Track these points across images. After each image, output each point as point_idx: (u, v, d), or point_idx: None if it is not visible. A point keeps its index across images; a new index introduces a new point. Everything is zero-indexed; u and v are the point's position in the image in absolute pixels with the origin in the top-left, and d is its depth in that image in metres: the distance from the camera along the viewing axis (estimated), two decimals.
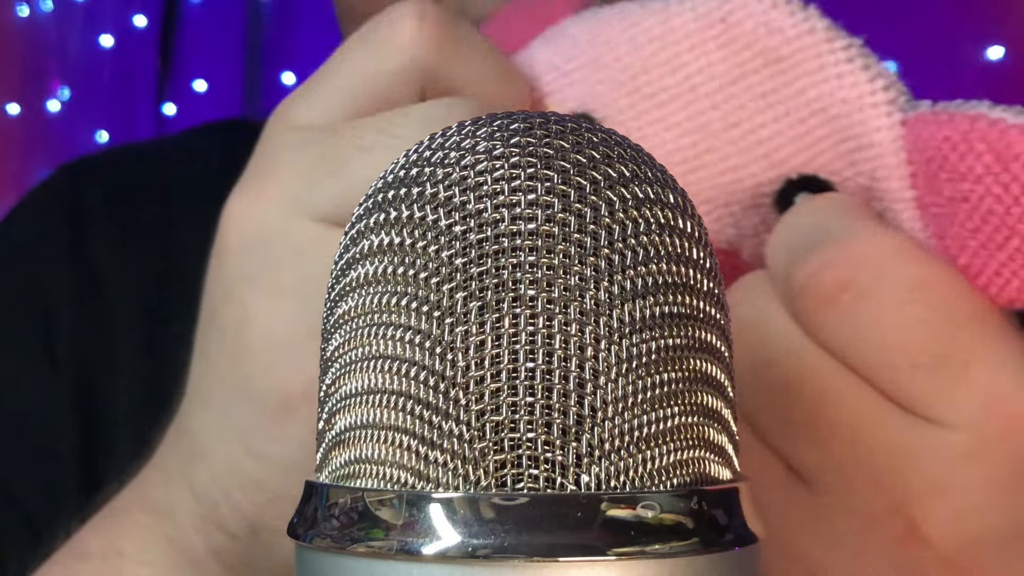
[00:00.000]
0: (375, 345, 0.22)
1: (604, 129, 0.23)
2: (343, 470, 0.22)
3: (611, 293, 0.21)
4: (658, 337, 0.21)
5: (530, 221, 0.21)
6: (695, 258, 0.22)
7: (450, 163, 0.22)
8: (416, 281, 0.21)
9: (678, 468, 0.21)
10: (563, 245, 0.21)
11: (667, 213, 0.22)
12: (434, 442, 0.21)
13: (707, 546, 0.21)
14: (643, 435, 0.21)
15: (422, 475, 0.21)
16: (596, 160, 0.22)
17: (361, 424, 0.22)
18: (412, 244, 0.21)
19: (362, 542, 0.20)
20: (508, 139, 0.22)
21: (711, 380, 0.22)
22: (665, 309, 0.21)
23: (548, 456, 0.20)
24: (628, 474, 0.21)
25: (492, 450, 0.20)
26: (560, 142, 0.22)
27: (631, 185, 0.22)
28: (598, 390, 0.21)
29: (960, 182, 0.30)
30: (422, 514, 0.20)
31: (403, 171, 0.23)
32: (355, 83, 0.35)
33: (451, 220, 0.21)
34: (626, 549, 0.20)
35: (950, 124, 0.30)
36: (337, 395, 0.23)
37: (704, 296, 0.22)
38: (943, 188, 0.31)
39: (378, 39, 0.34)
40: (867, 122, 0.32)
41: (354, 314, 0.22)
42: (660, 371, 0.21)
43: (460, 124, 0.23)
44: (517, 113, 0.23)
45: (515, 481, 0.20)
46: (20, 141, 1.55)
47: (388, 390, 0.21)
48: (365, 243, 0.22)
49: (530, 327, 0.21)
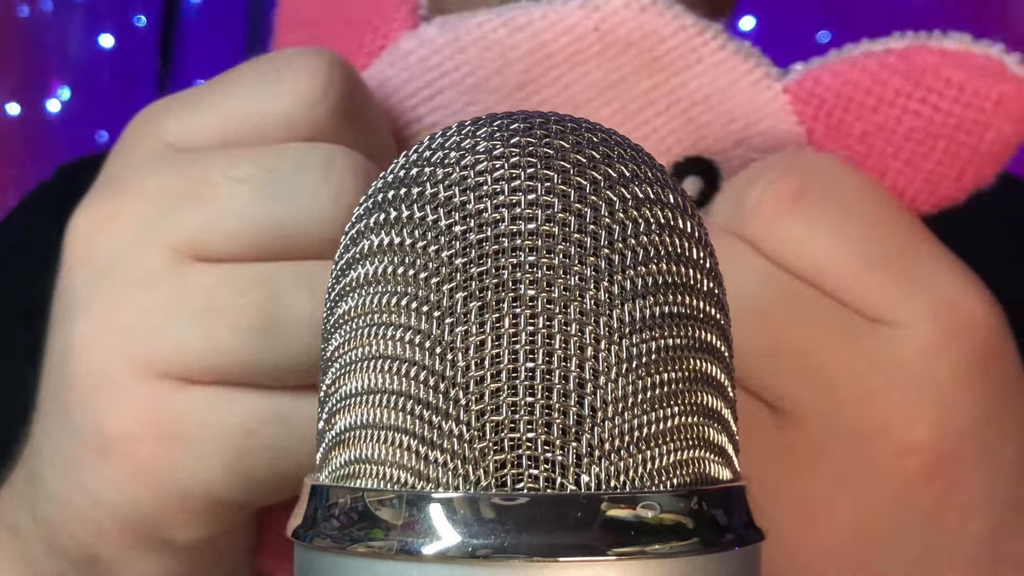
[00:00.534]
0: (375, 345, 0.22)
1: (604, 129, 0.23)
2: (343, 470, 0.22)
3: (611, 293, 0.21)
4: (658, 337, 0.21)
5: (530, 221, 0.21)
6: (695, 258, 0.22)
7: (450, 163, 0.22)
8: (416, 281, 0.21)
9: (678, 468, 0.21)
10: (563, 245, 0.21)
11: (667, 213, 0.22)
12: (434, 442, 0.21)
13: (707, 546, 0.21)
14: (643, 435, 0.21)
15: (422, 475, 0.21)
16: (596, 160, 0.22)
17: (361, 424, 0.22)
18: (412, 244, 0.21)
19: (362, 542, 0.20)
20: (508, 139, 0.22)
21: (711, 380, 0.22)
22: (665, 309, 0.21)
23: (548, 456, 0.20)
24: (628, 474, 0.21)
25: (492, 450, 0.20)
26: (560, 142, 0.22)
27: (631, 185, 0.22)
28: (598, 390, 0.21)
29: (872, 115, 0.33)
30: (422, 514, 0.20)
31: (403, 171, 0.23)
32: (243, 113, 0.32)
33: (451, 220, 0.21)
34: (626, 549, 0.20)
35: (849, 69, 0.33)
36: (337, 395, 0.23)
37: (704, 296, 0.22)
38: (852, 128, 0.34)
39: (284, 80, 0.32)
40: (753, 99, 0.34)
41: (354, 314, 0.22)
42: (660, 371, 0.21)
43: (460, 124, 0.23)
44: (517, 113, 0.23)
45: (515, 481, 0.20)
46: (20, 141, 1.55)
47: (388, 390, 0.21)
48: (365, 243, 0.22)
49: (530, 327, 0.21)
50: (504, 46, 0.33)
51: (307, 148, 0.31)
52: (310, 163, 0.31)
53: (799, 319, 0.32)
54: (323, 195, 0.30)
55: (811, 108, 0.34)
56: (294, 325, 0.30)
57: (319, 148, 0.31)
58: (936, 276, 0.32)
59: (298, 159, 0.31)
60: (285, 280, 0.30)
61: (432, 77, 0.34)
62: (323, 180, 0.30)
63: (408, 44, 0.34)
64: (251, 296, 0.30)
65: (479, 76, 0.33)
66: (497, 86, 0.33)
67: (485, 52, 0.33)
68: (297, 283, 0.30)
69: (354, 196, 0.29)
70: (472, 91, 0.33)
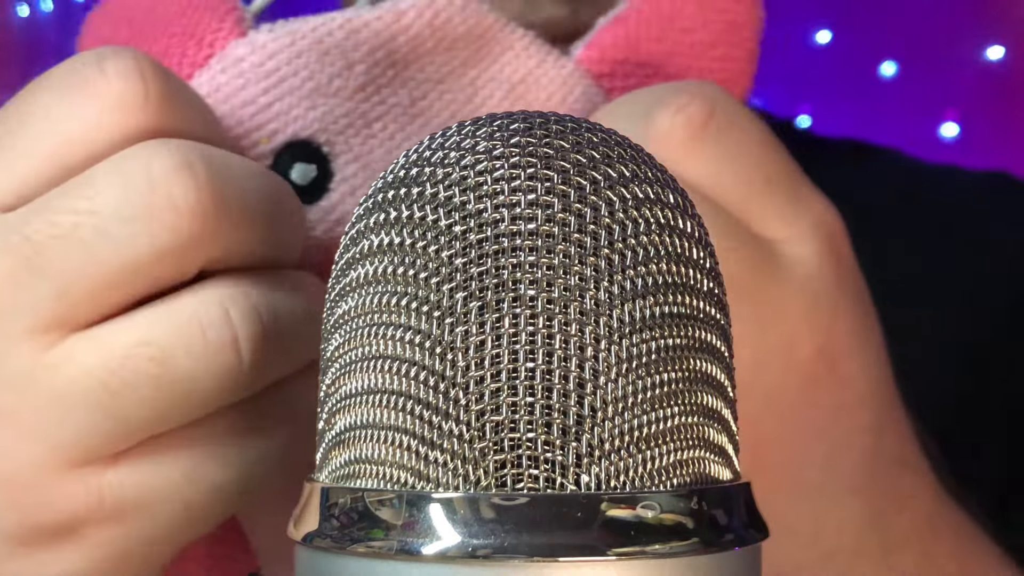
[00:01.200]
0: (375, 345, 0.22)
1: (604, 129, 0.23)
2: (343, 470, 0.22)
3: (611, 293, 0.21)
4: (658, 337, 0.21)
5: (530, 221, 0.21)
6: (695, 258, 0.22)
7: (450, 163, 0.22)
8: (416, 281, 0.21)
9: (678, 468, 0.21)
10: (563, 245, 0.21)
11: (667, 213, 0.22)
12: (434, 442, 0.21)
13: (707, 546, 0.21)
14: (643, 435, 0.21)
15: (422, 475, 0.21)
16: (596, 160, 0.22)
17: (361, 424, 0.22)
18: (412, 244, 0.21)
19: (362, 542, 0.20)
20: (508, 139, 0.22)
21: (711, 380, 0.22)
22: (665, 309, 0.21)
23: (548, 456, 0.20)
24: (628, 474, 0.21)
25: (492, 450, 0.20)
26: (560, 142, 0.22)
27: (631, 185, 0.22)
28: (598, 390, 0.21)
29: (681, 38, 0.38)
30: (422, 514, 0.20)
31: (403, 171, 0.23)
32: (61, 142, 0.29)
33: (451, 220, 0.21)
34: (626, 549, 0.20)
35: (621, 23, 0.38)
36: (337, 395, 0.23)
37: (704, 296, 0.22)
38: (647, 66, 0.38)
39: (97, 89, 0.28)
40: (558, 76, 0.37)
41: (354, 314, 0.22)
42: (660, 371, 0.21)
43: (460, 124, 0.23)
44: (517, 113, 0.23)
45: (515, 481, 0.20)
46: None
47: (388, 390, 0.21)
48: (365, 243, 0.22)
49: (530, 327, 0.21)
50: (344, 48, 0.33)
51: (123, 160, 0.28)
52: (134, 176, 0.28)
53: (724, 251, 0.33)
54: (157, 212, 0.27)
55: (606, 67, 0.37)
56: (185, 384, 0.28)
57: (137, 155, 0.28)
58: (810, 194, 0.34)
59: (118, 177, 0.28)
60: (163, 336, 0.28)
61: (269, 84, 0.33)
62: (151, 194, 0.27)
63: (240, 51, 0.33)
64: (133, 364, 0.28)
65: (319, 80, 0.33)
66: (338, 88, 0.33)
67: (324, 56, 0.33)
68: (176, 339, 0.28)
69: (189, 191, 0.27)
70: (312, 95, 0.33)
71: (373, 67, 0.34)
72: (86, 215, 0.27)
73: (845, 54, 1.24)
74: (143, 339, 0.28)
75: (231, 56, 0.33)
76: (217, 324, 0.28)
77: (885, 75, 1.22)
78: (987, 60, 1.18)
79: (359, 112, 0.34)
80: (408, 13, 0.34)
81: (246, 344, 0.28)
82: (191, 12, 0.34)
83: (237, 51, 0.33)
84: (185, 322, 0.28)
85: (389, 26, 0.34)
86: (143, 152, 0.28)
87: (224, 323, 0.28)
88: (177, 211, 0.27)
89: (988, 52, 1.17)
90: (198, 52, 0.33)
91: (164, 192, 0.27)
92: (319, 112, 0.33)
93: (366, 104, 0.34)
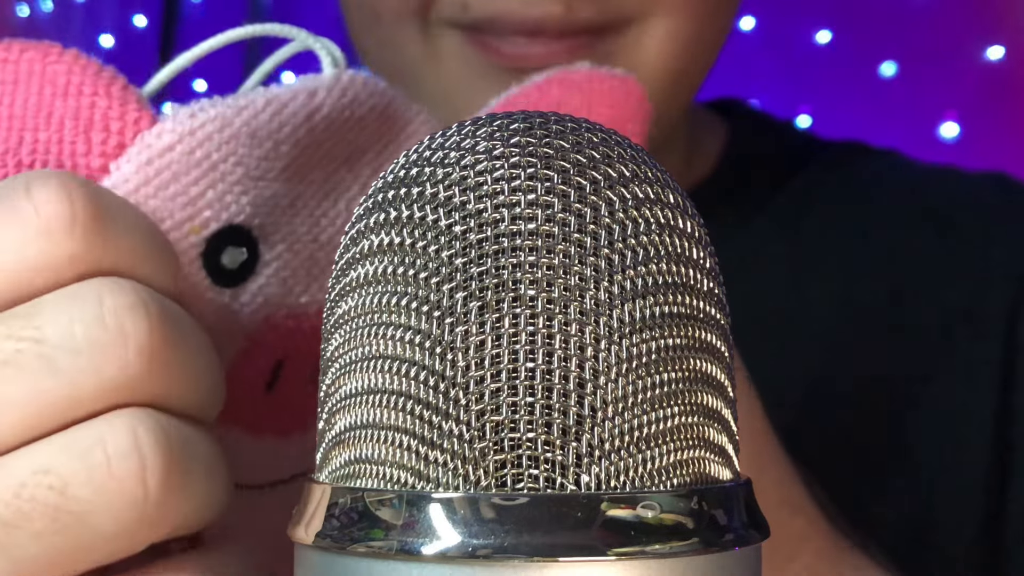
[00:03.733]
0: (375, 345, 0.22)
1: (604, 129, 0.23)
2: (343, 470, 0.22)
3: (611, 293, 0.21)
4: (658, 337, 0.21)
5: (530, 221, 0.21)
6: (695, 258, 0.22)
7: (450, 163, 0.22)
8: (416, 281, 0.21)
9: (678, 468, 0.21)
10: (563, 245, 0.21)
11: (667, 213, 0.22)
12: (434, 442, 0.21)
13: (707, 546, 0.21)
14: (643, 435, 0.21)
15: (422, 475, 0.21)
16: (596, 160, 0.22)
17: (361, 424, 0.22)
18: (412, 244, 0.21)
19: (362, 542, 0.20)
20: (508, 139, 0.22)
21: (711, 380, 0.22)
22: (665, 309, 0.21)
23: (548, 456, 0.20)
24: (628, 474, 0.21)
25: (492, 450, 0.20)
26: (560, 142, 0.22)
27: (631, 185, 0.22)
28: (598, 390, 0.21)
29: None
30: (422, 514, 0.20)
31: (403, 171, 0.23)
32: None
33: (451, 220, 0.21)
34: (626, 549, 0.20)
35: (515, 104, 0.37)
36: (337, 395, 0.23)
37: (704, 296, 0.22)
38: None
39: (18, 223, 0.27)
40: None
41: (354, 314, 0.22)
42: (660, 371, 0.21)
43: (460, 124, 0.23)
44: (517, 113, 0.23)
45: (515, 481, 0.20)
46: None
47: (388, 390, 0.21)
48: (365, 243, 0.22)
49: (530, 327, 0.21)
50: (270, 129, 0.32)
51: (72, 300, 0.27)
52: (81, 315, 0.27)
53: None
54: (107, 346, 0.26)
55: None
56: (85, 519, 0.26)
57: (86, 293, 0.27)
58: None
59: (66, 313, 0.27)
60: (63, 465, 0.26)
61: (200, 173, 0.32)
62: (101, 327, 0.27)
63: (166, 139, 0.32)
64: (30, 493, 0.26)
65: (247, 164, 0.32)
66: (265, 171, 0.33)
67: (252, 139, 0.32)
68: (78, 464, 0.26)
69: (140, 328, 0.27)
70: (243, 180, 0.32)
71: (294, 147, 0.33)
72: (30, 343, 0.26)
73: (845, 54, 1.24)
74: (42, 466, 0.26)
75: (157, 146, 0.31)
76: (125, 452, 0.26)
77: (885, 75, 1.22)
78: (987, 60, 1.18)
79: (283, 192, 0.33)
80: (319, 93, 0.33)
81: (153, 478, 0.26)
82: (88, 99, 0.32)
83: (162, 140, 0.31)
84: (88, 448, 0.26)
85: (305, 105, 0.33)
86: (94, 286, 0.27)
87: (132, 451, 0.26)
88: (127, 347, 0.27)
89: (988, 52, 1.17)
90: (106, 142, 0.32)
91: (115, 327, 0.27)
92: (251, 196, 0.32)
93: (289, 184, 0.33)
